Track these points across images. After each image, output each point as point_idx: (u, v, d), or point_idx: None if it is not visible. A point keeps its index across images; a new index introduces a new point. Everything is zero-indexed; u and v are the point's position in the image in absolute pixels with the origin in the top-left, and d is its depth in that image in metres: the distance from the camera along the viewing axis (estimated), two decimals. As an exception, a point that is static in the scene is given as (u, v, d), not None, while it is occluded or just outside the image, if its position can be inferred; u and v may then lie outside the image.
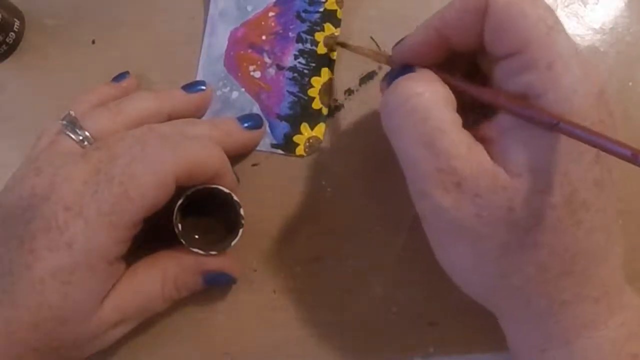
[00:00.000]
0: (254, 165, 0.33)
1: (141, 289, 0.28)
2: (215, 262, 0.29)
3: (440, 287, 0.31)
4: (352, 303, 0.31)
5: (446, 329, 0.30)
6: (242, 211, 0.28)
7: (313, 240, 0.32)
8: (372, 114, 0.33)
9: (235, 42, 0.34)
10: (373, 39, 0.34)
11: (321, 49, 0.34)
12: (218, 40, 0.34)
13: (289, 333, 0.31)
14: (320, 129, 0.33)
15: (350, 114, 0.33)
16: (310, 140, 0.33)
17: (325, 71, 0.33)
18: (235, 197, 0.28)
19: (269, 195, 0.32)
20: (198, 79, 0.34)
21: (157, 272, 0.28)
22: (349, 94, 0.34)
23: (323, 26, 0.34)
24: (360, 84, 0.34)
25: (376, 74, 0.34)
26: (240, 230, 0.29)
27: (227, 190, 0.28)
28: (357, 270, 0.31)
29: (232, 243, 0.29)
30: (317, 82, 0.33)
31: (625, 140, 0.33)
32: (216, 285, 0.30)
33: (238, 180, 0.31)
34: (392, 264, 0.31)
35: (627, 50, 0.33)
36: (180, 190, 0.27)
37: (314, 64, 0.33)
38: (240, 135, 0.31)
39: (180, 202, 0.27)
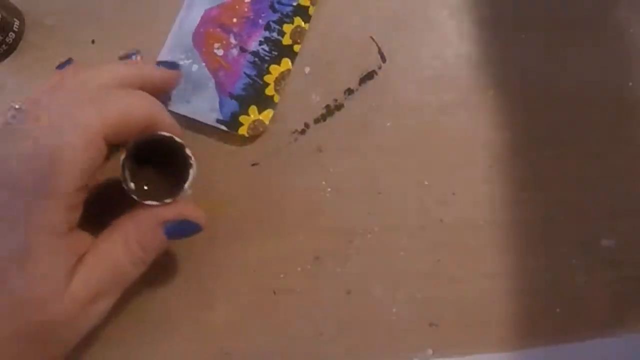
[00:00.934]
0: (254, 165, 0.33)
1: (106, 257, 0.27)
2: (172, 210, 0.28)
3: (440, 287, 0.31)
4: (352, 303, 0.31)
5: (446, 330, 0.30)
6: (188, 151, 0.27)
7: (313, 240, 0.32)
8: (372, 114, 0.33)
9: (207, 20, 0.35)
10: (373, 39, 0.34)
11: (287, 40, 0.35)
12: (192, 15, 0.35)
13: (289, 333, 0.30)
14: (267, 115, 0.33)
15: (350, 113, 0.33)
16: (255, 123, 0.33)
17: (285, 61, 0.34)
18: (178, 139, 0.27)
19: (269, 194, 0.32)
20: (166, 47, 0.35)
21: (117, 237, 0.27)
22: (349, 94, 0.34)
23: (293, 19, 0.35)
24: (360, 84, 0.34)
25: (376, 73, 0.34)
26: (191, 171, 0.27)
27: (168, 134, 0.27)
28: (357, 271, 0.31)
29: (185, 186, 0.27)
30: (275, 70, 0.34)
31: (626, 140, 0.33)
32: (182, 236, 0.29)
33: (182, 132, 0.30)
34: (392, 264, 0.31)
35: (627, 50, 0.34)
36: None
37: (276, 53, 0.34)
38: (153, 71, 0.31)
39: (123, 157, 0.26)
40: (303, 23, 0.35)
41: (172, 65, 0.33)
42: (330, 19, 0.35)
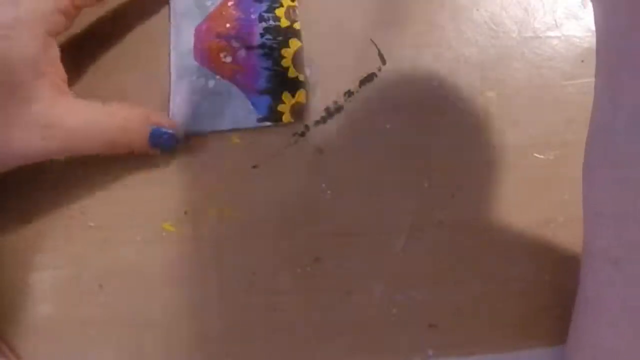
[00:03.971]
0: (254, 167, 0.33)
1: None
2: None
3: (440, 289, 0.31)
4: (351, 304, 0.31)
5: (446, 331, 0.30)
6: None
7: (313, 242, 0.32)
8: (372, 116, 0.34)
9: (201, 36, 0.35)
10: (373, 42, 0.35)
11: (284, 23, 0.35)
12: (184, 38, 0.35)
13: (289, 334, 0.31)
14: (301, 95, 0.34)
15: (350, 115, 0.34)
16: (295, 107, 0.33)
17: (293, 42, 0.35)
18: None
19: (269, 196, 0.33)
20: (173, 76, 0.34)
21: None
22: (349, 96, 0.34)
23: (281, 2, 0.35)
24: (360, 86, 0.34)
25: (376, 76, 0.34)
26: None
27: None
28: (356, 272, 0.31)
29: None
30: (288, 52, 0.35)
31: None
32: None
33: None
34: (392, 265, 0.31)
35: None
36: None
37: (280, 37, 0.35)
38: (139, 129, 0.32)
39: None
40: (291, 1, 0.35)
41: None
42: (330, 21, 0.35)
